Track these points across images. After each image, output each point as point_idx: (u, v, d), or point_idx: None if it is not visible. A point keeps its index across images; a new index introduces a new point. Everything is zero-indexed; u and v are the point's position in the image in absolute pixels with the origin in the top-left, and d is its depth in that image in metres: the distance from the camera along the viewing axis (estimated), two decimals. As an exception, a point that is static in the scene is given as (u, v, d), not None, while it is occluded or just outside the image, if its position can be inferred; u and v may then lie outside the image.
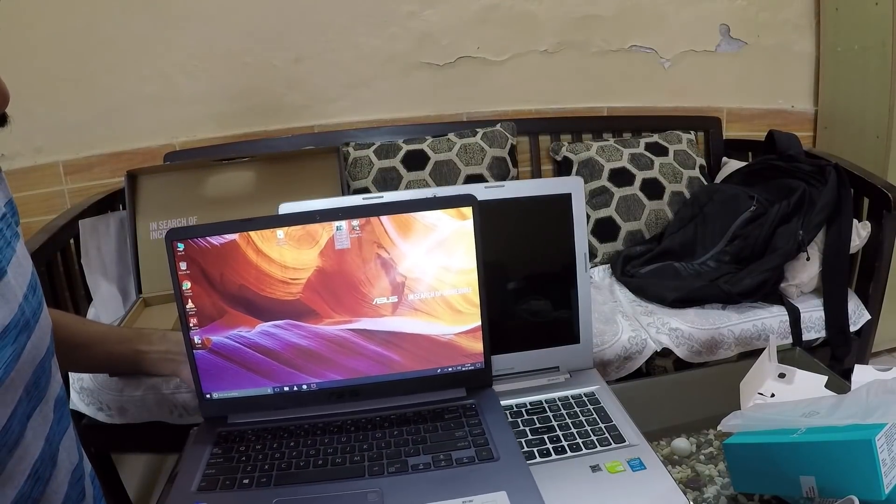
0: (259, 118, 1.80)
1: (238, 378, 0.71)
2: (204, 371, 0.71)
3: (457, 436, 0.66)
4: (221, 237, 0.68)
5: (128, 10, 1.63)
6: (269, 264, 0.69)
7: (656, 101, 1.99)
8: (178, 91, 1.74)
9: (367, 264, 0.70)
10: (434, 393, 0.73)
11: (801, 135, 1.75)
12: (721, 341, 1.35)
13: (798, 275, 1.42)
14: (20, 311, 0.50)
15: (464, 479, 0.60)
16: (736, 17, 1.97)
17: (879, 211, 1.43)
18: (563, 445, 0.67)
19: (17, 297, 0.50)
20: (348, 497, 0.59)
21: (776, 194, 1.49)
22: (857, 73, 1.84)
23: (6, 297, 0.49)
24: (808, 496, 0.53)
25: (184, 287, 0.69)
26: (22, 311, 0.50)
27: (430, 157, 1.67)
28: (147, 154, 1.75)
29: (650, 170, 1.73)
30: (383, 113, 1.86)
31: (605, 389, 0.77)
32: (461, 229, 0.70)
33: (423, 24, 1.82)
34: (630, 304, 1.47)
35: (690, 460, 0.68)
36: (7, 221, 0.54)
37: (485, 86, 1.89)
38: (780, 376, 0.74)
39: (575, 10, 1.88)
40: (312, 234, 0.69)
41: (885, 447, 0.47)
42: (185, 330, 0.70)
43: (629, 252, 1.64)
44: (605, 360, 1.29)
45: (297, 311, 0.70)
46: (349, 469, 0.62)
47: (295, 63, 1.78)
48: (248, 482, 0.62)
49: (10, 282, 0.50)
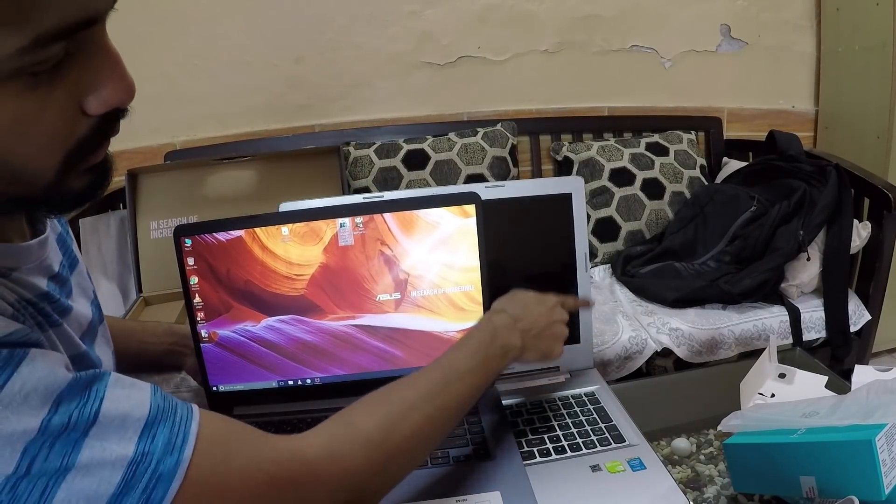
0: (260, 117, 1.80)
1: (244, 372, 0.72)
2: (210, 364, 0.72)
3: (455, 433, 0.66)
4: (228, 233, 0.69)
5: (128, 10, 1.62)
6: (274, 260, 0.70)
7: (657, 101, 1.99)
8: (178, 90, 1.74)
9: (370, 261, 0.70)
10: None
11: (802, 135, 1.75)
12: (721, 341, 1.35)
13: (798, 275, 1.42)
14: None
15: (459, 478, 0.60)
16: (737, 17, 1.97)
17: (880, 211, 1.43)
18: (563, 445, 0.67)
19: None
20: None
21: (777, 194, 1.49)
22: (857, 73, 1.84)
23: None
24: (808, 496, 0.53)
25: (191, 282, 0.70)
26: None
27: (431, 157, 1.67)
28: (147, 153, 1.74)
29: (651, 170, 1.73)
30: (384, 112, 1.86)
31: (605, 389, 0.77)
32: (464, 227, 0.70)
33: (423, 23, 1.82)
34: (630, 304, 1.47)
35: (690, 460, 0.68)
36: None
37: (485, 85, 1.89)
38: (781, 376, 0.75)
39: (576, 9, 1.88)
40: (316, 231, 0.70)
41: (885, 447, 0.47)
42: (193, 324, 0.71)
43: (629, 252, 1.64)
44: (606, 359, 1.29)
45: (302, 306, 0.71)
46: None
47: (296, 62, 1.78)
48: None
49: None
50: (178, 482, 0.37)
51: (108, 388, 0.38)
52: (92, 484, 0.35)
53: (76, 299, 0.50)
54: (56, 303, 0.47)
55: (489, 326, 0.60)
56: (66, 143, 0.38)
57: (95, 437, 0.36)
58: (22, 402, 0.35)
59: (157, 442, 0.38)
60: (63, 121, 0.37)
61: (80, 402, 0.36)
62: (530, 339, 0.61)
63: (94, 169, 0.42)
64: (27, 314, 0.43)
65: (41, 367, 0.36)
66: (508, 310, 0.62)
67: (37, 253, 0.46)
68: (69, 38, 0.35)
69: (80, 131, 0.39)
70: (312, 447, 0.45)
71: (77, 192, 0.42)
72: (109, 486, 0.35)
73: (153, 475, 0.37)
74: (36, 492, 0.34)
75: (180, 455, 0.38)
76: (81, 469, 0.35)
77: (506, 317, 0.61)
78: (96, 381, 0.38)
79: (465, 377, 0.55)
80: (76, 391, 0.37)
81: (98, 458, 0.36)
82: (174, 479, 0.37)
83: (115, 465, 0.36)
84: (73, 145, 0.39)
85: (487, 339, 0.58)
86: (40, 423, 0.35)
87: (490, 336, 0.58)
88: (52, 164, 0.38)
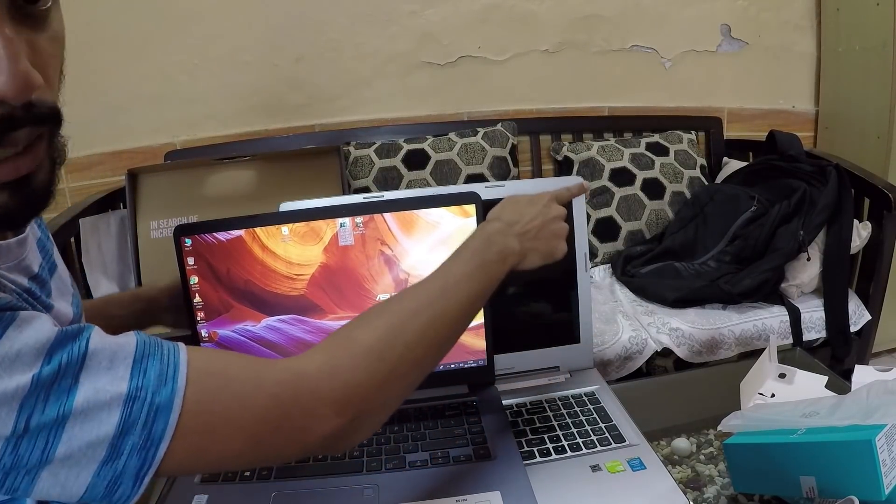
0: (260, 117, 1.80)
1: None
2: None
3: (455, 433, 0.66)
4: (228, 233, 0.69)
5: (129, 9, 1.63)
6: (274, 260, 0.70)
7: (657, 100, 1.99)
8: (178, 90, 1.74)
9: (370, 261, 0.70)
10: (436, 389, 0.74)
11: (802, 135, 1.75)
12: (721, 341, 1.35)
13: (798, 275, 1.42)
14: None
15: (460, 478, 0.60)
16: (737, 17, 1.97)
17: (880, 211, 1.43)
18: (563, 445, 0.67)
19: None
20: (345, 492, 0.59)
21: (777, 194, 1.49)
22: (858, 73, 1.84)
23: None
24: (808, 496, 0.53)
25: (191, 282, 0.70)
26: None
27: (431, 157, 1.67)
28: (148, 153, 1.74)
29: (651, 170, 1.73)
30: (384, 112, 1.86)
31: (605, 389, 0.77)
32: (464, 227, 0.70)
33: (424, 23, 1.82)
34: (630, 304, 1.47)
35: (690, 460, 0.68)
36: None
37: (486, 85, 1.89)
38: (781, 376, 0.75)
39: (576, 9, 1.88)
40: (317, 231, 0.70)
41: (885, 448, 0.47)
42: (193, 324, 0.71)
43: (630, 252, 1.64)
44: (606, 359, 1.29)
45: (302, 306, 0.71)
46: (348, 464, 0.63)
47: (296, 62, 1.78)
48: (250, 475, 0.62)
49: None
50: (176, 413, 0.37)
51: (93, 334, 0.38)
52: (92, 428, 0.35)
53: (56, 299, 0.50)
54: (38, 299, 0.47)
55: (482, 234, 0.59)
56: None
57: (87, 379, 0.36)
58: (13, 360, 0.35)
59: (149, 375, 0.37)
60: None
61: (69, 348, 0.37)
62: (529, 241, 0.60)
63: (7, 187, 0.38)
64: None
65: (30, 327, 0.36)
66: (502, 217, 0.61)
67: (15, 252, 0.46)
68: None
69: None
70: (313, 363, 0.44)
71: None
72: (109, 426, 0.36)
73: (150, 408, 0.37)
74: (38, 449, 0.34)
75: (174, 384, 0.38)
76: (79, 415, 0.35)
77: (499, 224, 0.60)
78: (83, 331, 0.38)
79: (464, 283, 0.54)
80: (64, 342, 0.37)
81: (93, 399, 0.36)
82: (172, 410, 0.37)
83: (112, 404, 0.36)
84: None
85: (482, 246, 0.57)
86: (32, 378, 0.35)
87: (484, 243, 0.57)
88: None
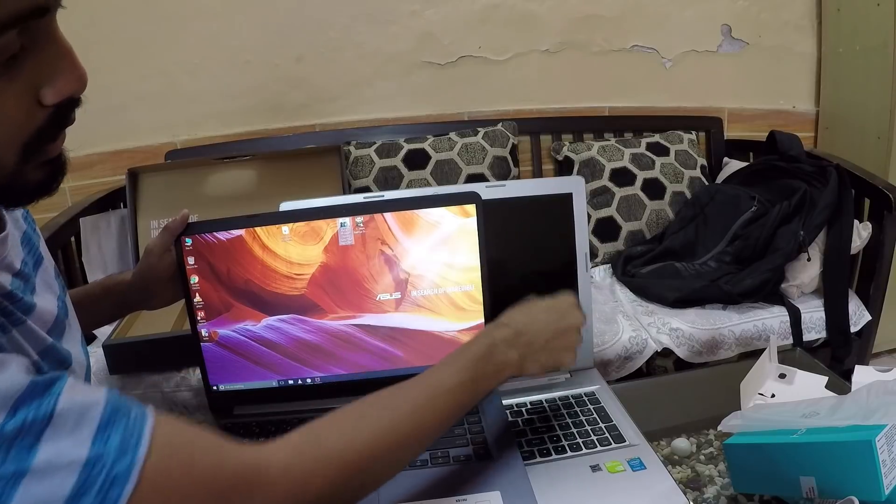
0: (260, 117, 1.80)
1: (244, 371, 0.72)
2: (211, 363, 0.72)
3: (455, 433, 0.66)
4: (228, 233, 0.69)
5: (129, 9, 1.63)
6: (274, 260, 0.70)
7: (657, 101, 1.99)
8: (179, 89, 1.74)
9: (370, 261, 0.70)
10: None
11: (803, 135, 1.74)
12: (722, 341, 1.35)
13: (799, 275, 1.42)
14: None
15: (460, 477, 0.60)
16: (737, 17, 1.97)
17: (880, 212, 1.43)
18: (563, 445, 0.67)
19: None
20: None
21: (777, 195, 1.49)
22: (858, 73, 1.84)
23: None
24: (808, 497, 0.53)
25: (191, 281, 0.70)
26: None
27: (432, 157, 1.67)
28: (148, 152, 1.74)
29: (651, 170, 1.73)
30: (384, 112, 1.86)
31: (605, 389, 0.77)
32: (465, 227, 0.70)
33: (424, 23, 1.82)
34: (631, 304, 1.47)
35: (690, 460, 0.68)
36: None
37: (486, 85, 1.89)
38: (781, 377, 0.75)
39: (576, 9, 1.88)
40: (317, 231, 0.70)
41: (885, 448, 0.47)
42: (193, 323, 0.71)
43: (630, 252, 1.64)
44: (606, 359, 1.29)
45: (302, 306, 0.71)
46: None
47: (296, 62, 1.78)
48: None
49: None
50: (132, 483, 0.37)
51: (64, 390, 0.38)
52: (47, 487, 0.35)
53: (40, 295, 0.50)
54: (19, 301, 0.47)
55: (488, 340, 0.57)
56: (24, 134, 0.40)
57: (50, 439, 0.36)
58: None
59: (111, 443, 0.37)
60: (21, 113, 0.39)
61: (36, 404, 0.36)
62: (533, 352, 0.59)
63: (51, 162, 0.44)
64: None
65: (0, 375, 0.36)
66: (513, 323, 0.60)
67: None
68: (22, 29, 0.36)
69: (38, 122, 0.40)
70: (277, 460, 0.44)
71: (34, 184, 0.43)
72: (65, 489, 0.35)
73: (108, 476, 0.36)
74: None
75: (134, 456, 0.37)
76: (37, 473, 0.35)
77: (507, 331, 0.58)
78: (54, 384, 0.38)
79: (452, 394, 0.53)
80: (33, 395, 0.36)
81: (54, 461, 0.35)
82: (128, 481, 0.37)
83: (71, 467, 0.36)
84: (30, 137, 0.40)
85: (483, 355, 0.56)
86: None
87: (486, 351, 0.56)
88: (11, 155, 0.40)
